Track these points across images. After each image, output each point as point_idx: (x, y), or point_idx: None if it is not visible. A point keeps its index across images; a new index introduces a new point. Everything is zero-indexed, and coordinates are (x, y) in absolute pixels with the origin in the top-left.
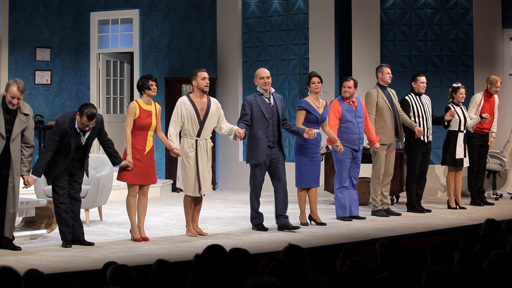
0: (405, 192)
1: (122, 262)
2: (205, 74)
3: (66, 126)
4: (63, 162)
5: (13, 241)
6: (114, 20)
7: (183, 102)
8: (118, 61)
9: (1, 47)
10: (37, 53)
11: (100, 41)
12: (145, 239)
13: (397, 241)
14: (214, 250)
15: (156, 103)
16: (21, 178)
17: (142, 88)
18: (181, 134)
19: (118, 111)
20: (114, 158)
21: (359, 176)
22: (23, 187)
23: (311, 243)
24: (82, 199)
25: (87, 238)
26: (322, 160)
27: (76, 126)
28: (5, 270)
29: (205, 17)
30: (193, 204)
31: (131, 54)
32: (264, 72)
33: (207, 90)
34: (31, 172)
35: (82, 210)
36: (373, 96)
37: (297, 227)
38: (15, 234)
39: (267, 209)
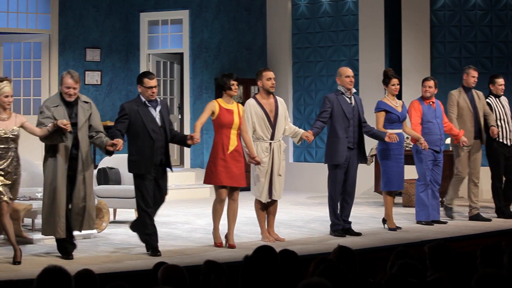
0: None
1: (172, 263)
2: (271, 74)
3: (131, 103)
4: (145, 149)
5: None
6: (164, 21)
7: (252, 106)
8: (168, 62)
9: (51, 48)
10: (87, 53)
11: (150, 41)
12: (232, 246)
13: (446, 243)
14: (264, 251)
15: (240, 104)
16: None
17: (223, 88)
18: (253, 139)
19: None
20: (183, 139)
21: (409, 178)
22: (111, 154)
23: (361, 244)
24: (131, 199)
25: (137, 238)
26: (372, 161)
27: (143, 100)
28: (56, 270)
29: (255, 18)
30: (266, 208)
31: (181, 54)
32: (349, 70)
33: (273, 90)
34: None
35: (132, 210)
36: (454, 97)
37: (359, 234)
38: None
39: (319, 212)
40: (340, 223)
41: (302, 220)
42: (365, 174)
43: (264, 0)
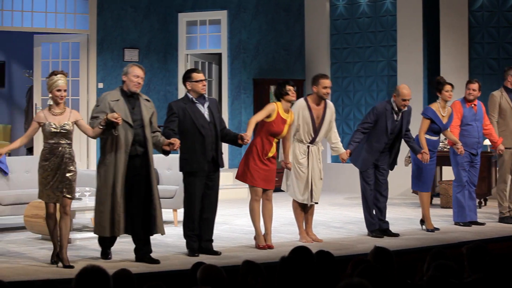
0: (492, 195)
1: (210, 263)
2: (328, 83)
3: (180, 102)
4: (197, 146)
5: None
6: (202, 21)
7: (301, 108)
8: (206, 62)
9: (90, 48)
10: (125, 53)
11: (188, 42)
12: (270, 246)
13: (484, 245)
14: (300, 252)
15: (293, 112)
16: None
17: (280, 95)
18: (293, 139)
19: None
20: (234, 139)
21: (446, 179)
22: (168, 153)
23: (398, 245)
24: (170, 199)
25: (176, 238)
26: (410, 163)
27: (190, 97)
28: (94, 270)
29: (293, 19)
30: (304, 209)
31: (219, 55)
32: (408, 94)
33: (327, 98)
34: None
35: (170, 210)
36: (496, 98)
37: (397, 234)
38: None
39: (356, 213)
40: (376, 222)
41: (340, 221)
42: (402, 175)
43: (302, 0)
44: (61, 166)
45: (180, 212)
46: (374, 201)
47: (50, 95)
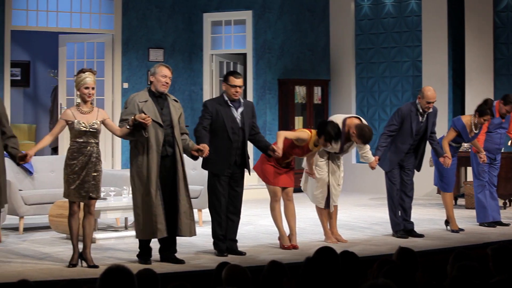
0: None
1: (234, 263)
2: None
3: (214, 102)
4: (223, 149)
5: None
6: (227, 21)
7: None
8: (231, 62)
9: (115, 48)
10: (150, 53)
11: (213, 42)
12: (295, 247)
13: (509, 246)
14: (325, 253)
15: (320, 146)
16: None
17: (326, 138)
18: None
19: None
20: (266, 148)
21: (470, 180)
22: (196, 158)
23: (423, 246)
24: (195, 199)
25: (201, 238)
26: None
27: (225, 98)
28: (119, 269)
29: (318, 19)
30: (328, 210)
31: (244, 55)
32: (433, 97)
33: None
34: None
35: (194, 210)
36: None
37: (422, 235)
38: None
39: (381, 214)
40: (401, 223)
41: (365, 221)
42: (427, 176)
43: (327, 1)
44: (88, 165)
45: (205, 212)
46: (399, 201)
47: (77, 93)
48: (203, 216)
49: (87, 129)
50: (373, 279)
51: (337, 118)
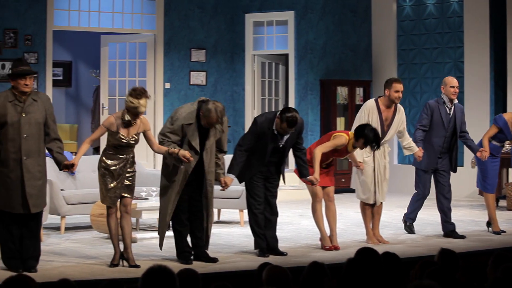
0: None
1: (276, 263)
2: (400, 87)
3: (265, 126)
4: (258, 165)
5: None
6: (269, 22)
7: (371, 108)
8: (273, 63)
9: (157, 48)
10: (192, 54)
11: (255, 42)
12: (337, 247)
13: None
14: (366, 254)
15: (359, 149)
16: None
17: (361, 138)
18: None
19: None
20: (304, 170)
21: (510, 181)
22: (220, 189)
23: (465, 247)
24: (236, 200)
25: (242, 239)
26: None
27: (274, 128)
28: (161, 269)
29: (360, 20)
30: (371, 210)
31: (286, 55)
32: (454, 81)
33: (398, 102)
34: (226, 172)
35: (236, 211)
36: None
37: (463, 236)
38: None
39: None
40: (414, 219)
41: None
42: (468, 177)
43: (369, 1)
44: (123, 169)
45: (246, 212)
46: (438, 204)
47: (126, 110)
48: (244, 217)
49: (126, 142)
50: (417, 280)
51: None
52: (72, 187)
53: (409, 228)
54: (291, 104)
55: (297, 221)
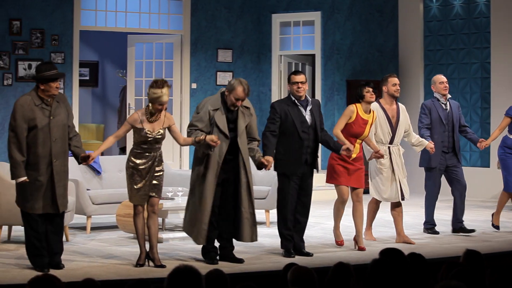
0: None
1: (301, 264)
2: (396, 80)
3: (283, 104)
4: (293, 149)
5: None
6: (295, 22)
7: (375, 109)
8: (300, 63)
9: (183, 48)
10: (219, 54)
11: (281, 43)
12: (362, 248)
13: None
14: (391, 254)
15: (374, 112)
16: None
17: (360, 97)
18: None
19: None
20: (336, 144)
21: None
22: (266, 170)
23: (491, 249)
24: (262, 200)
25: (268, 239)
26: None
27: (292, 98)
28: (186, 269)
29: (387, 20)
30: (377, 209)
31: (313, 56)
32: (442, 77)
33: (398, 95)
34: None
35: (262, 211)
36: None
37: (472, 230)
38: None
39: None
40: (434, 224)
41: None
42: (495, 178)
43: (396, 2)
44: (151, 168)
45: (272, 213)
46: (454, 200)
47: (149, 104)
48: (270, 217)
49: (152, 137)
50: (444, 281)
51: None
52: (98, 187)
53: (432, 232)
54: None
55: (323, 222)
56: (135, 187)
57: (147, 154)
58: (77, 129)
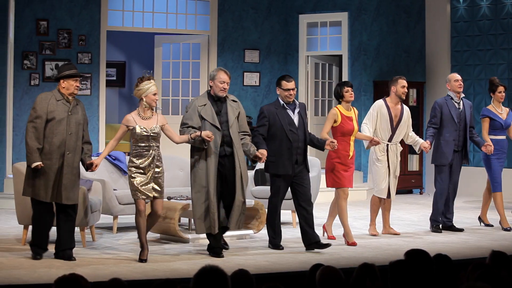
0: None
1: (328, 264)
2: (405, 83)
3: (271, 107)
4: (283, 150)
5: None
6: (322, 23)
7: (379, 106)
8: (327, 64)
9: (210, 49)
10: (246, 54)
11: (308, 43)
12: (353, 243)
13: None
14: (416, 255)
15: (354, 108)
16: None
17: (339, 96)
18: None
19: (326, 113)
20: (320, 142)
21: None
22: (261, 162)
23: None
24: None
25: (295, 239)
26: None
27: (281, 102)
28: (213, 270)
29: (414, 21)
30: (381, 204)
31: (340, 57)
32: (458, 75)
33: (404, 98)
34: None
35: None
36: None
37: (461, 229)
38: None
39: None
40: (440, 221)
41: (458, 223)
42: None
43: (423, 3)
44: (151, 166)
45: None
46: (446, 200)
47: (143, 100)
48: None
49: (149, 134)
50: (470, 282)
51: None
52: (124, 187)
53: (437, 230)
54: None
55: (350, 223)
56: (137, 183)
57: (146, 152)
58: (104, 130)
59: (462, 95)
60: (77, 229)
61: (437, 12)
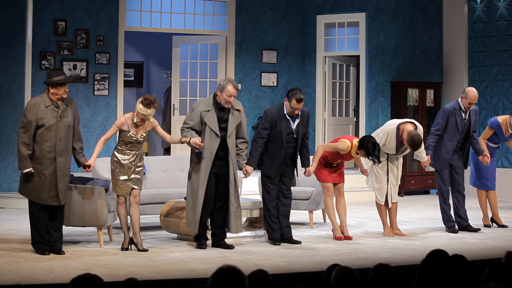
0: None
1: (344, 265)
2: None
3: (275, 114)
4: (277, 156)
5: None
6: (340, 23)
7: (392, 131)
8: (344, 64)
9: (228, 49)
10: (264, 55)
11: (326, 44)
12: (348, 237)
13: None
14: (438, 256)
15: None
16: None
17: (368, 153)
18: None
19: (344, 114)
20: (305, 160)
21: None
22: (242, 177)
23: None
24: (306, 201)
25: (311, 240)
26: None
27: (285, 111)
28: (230, 270)
29: (432, 21)
30: (387, 207)
31: (357, 57)
32: (475, 96)
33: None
34: (246, 163)
35: (305, 212)
36: None
37: (478, 229)
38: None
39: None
40: (453, 220)
41: (475, 225)
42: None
43: (440, 3)
44: (133, 163)
45: (316, 214)
46: (453, 200)
47: (135, 113)
48: (314, 218)
49: (136, 139)
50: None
51: (392, 123)
52: (142, 187)
53: (453, 231)
54: (362, 106)
55: (366, 223)
56: (120, 179)
57: (129, 151)
58: None
59: (472, 107)
60: (94, 229)
61: (455, 12)
